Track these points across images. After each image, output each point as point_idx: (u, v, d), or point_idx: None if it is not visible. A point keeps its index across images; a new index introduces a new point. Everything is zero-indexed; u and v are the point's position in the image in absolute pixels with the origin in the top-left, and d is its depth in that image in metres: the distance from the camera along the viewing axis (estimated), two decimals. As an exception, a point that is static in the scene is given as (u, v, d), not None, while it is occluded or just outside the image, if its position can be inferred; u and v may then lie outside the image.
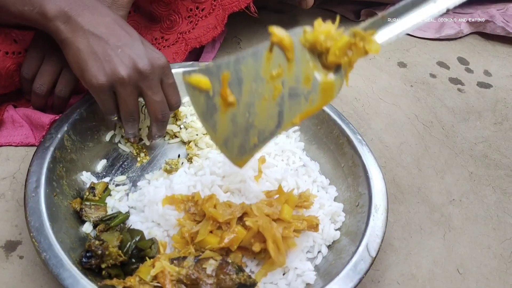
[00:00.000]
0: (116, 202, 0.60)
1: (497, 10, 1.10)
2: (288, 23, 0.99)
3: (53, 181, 0.57)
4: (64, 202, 0.58)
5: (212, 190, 0.60)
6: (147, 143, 0.68)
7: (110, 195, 0.62)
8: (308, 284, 0.55)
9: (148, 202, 0.58)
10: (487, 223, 0.68)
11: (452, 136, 0.80)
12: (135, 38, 0.58)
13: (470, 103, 0.87)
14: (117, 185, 0.64)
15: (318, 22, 0.44)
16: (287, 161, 0.69)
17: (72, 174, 0.61)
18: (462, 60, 0.97)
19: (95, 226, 0.58)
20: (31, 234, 0.51)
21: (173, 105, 0.62)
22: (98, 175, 0.65)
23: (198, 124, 0.71)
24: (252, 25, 0.95)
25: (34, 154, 0.58)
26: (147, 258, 0.52)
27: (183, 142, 0.70)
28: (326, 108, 0.70)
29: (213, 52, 0.85)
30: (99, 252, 0.50)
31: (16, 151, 0.66)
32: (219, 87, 0.48)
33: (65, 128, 0.62)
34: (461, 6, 1.09)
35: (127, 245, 0.53)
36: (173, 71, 0.69)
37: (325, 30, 0.44)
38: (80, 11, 0.56)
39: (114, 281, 0.49)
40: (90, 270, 0.51)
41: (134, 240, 0.54)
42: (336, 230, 0.61)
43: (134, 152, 0.67)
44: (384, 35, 0.45)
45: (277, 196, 0.58)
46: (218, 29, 0.79)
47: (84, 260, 0.51)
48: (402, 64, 0.93)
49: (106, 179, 0.64)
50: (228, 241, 0.52)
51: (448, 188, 0.72)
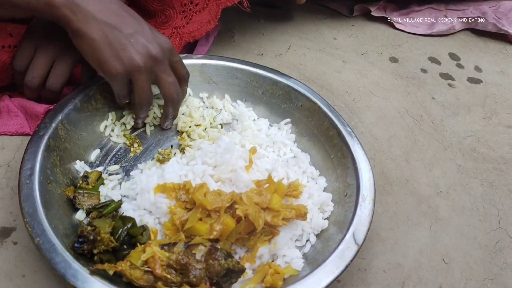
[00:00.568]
0: (109, 191, 0.62)
1: (490, 7, 1.12)
2: (282, 18, 1.01)
3: (47, 169, 0.58)
4: (58, 190, 0.59)
5: (203, 179, 0.61)
6: (148, 132, 0.71)
7: (103, 184, 0.63)
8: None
9: (140, 190, 0.59)
10: (473, 215, 0.69)
11: (441, 130, 0.81)
12: (143, 24, 0.61)
13: (460, 98, 0.88)
14: (110, 174, 0.65)
15: None
16: (278, 153, 0.71)
17: (66, 163, 0.62)
18: (454, 56, 0.98)
19: (88, 214, 0.59)
20: (25, 220, 0.52)
21: (184, 76, 0.67)
22: (92, 164, 0.66)
23: (193, 115, 0.73)
24: (246, 19, 0.96)
25: (29, 143, 0.59)
26: (138, 244, 0.53)
27: (177, 133, 0.72)
28: (317, 101, 0.72)
29: (207, 46, 0.86)
30: (91, 238, 0.52)
31: (11, 140, 0.67)
32: None
33: (59, 118, 0.63)
34: (454, 3, 1.11)
35: (119, 232, 0.54)
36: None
37: None
38: (89, 1, 0.57)
39: (106, 266, 0.50)
40: (83, 255, 0.53)
41: (126, 227, 0.55)
42: (325, 219, 0.62)
43: (127, 143, 0.69)
44: None
45: (267, 186, 0.59)
46: (212, 24, 0.80)
47: (77, 245, 0.52)
48: (394, 59, 0.95)
49: (100, 168, 0.65)
50: (217, 233, 0.53)
51: (436, 181, 0.73)
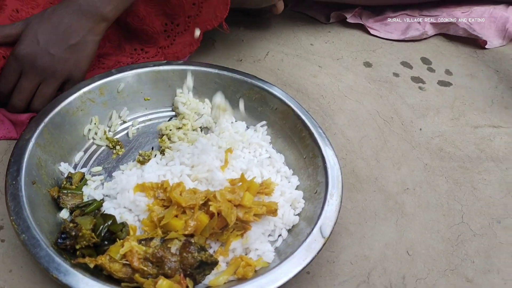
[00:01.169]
0: (92, 191, 0.65)
1: (462, 13, 1.16)
2: (262, 26, 1.05)
3: (33, 171, 0.62)
4: (43, 190, 0.63)
5: (181, 179, 0.65)
6: None
7: (87, 184, 0.66)
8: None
9: (121, 190, 0.62)
10: (438, 210, 0.74)
11: (410, 131, 0.85)
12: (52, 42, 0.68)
13: (430, 100, 0.92)
14: (93, 175, 0.69)
15: None
16: (254, 153, 0.74)
17: (51, 165, 0.66)
18: (425, 60, 1.03)
19: (72, 212, 0.63)
20: (11, 218, 0.56)
21: (34, 106, 0.71)
22: (76, 166, 0.69)
23: (172, 121, 0.77)
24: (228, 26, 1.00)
25: (15, 146, 0.63)
26: (118, 240, 0.57)
27: (157, 135, 0.76)
28: (291, 104, 0.76)
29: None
30: (73, 234, 0.55)
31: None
32: None
33: (44, 122, 0.66)
34: (428, 9, 1.16)
35: (100, 228, 0.58)
36: (146, 70, 0.75)
37: None
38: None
39: (87, 259, 0.53)
40: (65, 251, 0.56)
41: (106, 224, 0.58)
42: (296, 215, 0.66)
43: (110, 146, 0.72)
44: None
45: (240, 184, 0.63)
46: (194, 46, 0.84)
47: (60, 241, 0.56)
48: (368, 64, 0.99)
49: (83, 170, 0.69)
50: (192, 229, 0.57)
51: (403, 178, 0.77)
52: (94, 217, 0.59)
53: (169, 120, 0.78)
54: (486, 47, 1.09)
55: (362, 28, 1.08)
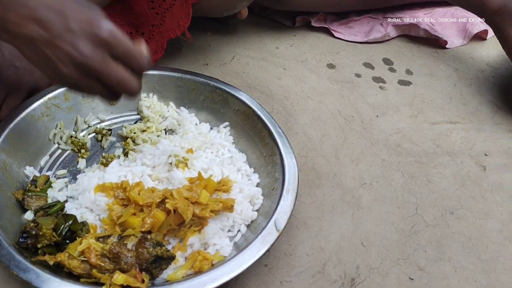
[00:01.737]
0: (56, 193, 0.68)
1: (425, 14, 1.21)
2: (228, 31, 1.08)
3: (-3, 175, 0.64)
4: (8, 193, 0.65)
5: (142, 179, 0.67)
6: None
7: (51, 187, 0.69)
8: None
9: (82, 191, 0.65)
10: (393, 203, 0.77)
11: (370, 129, 0.89)
12: (66, 14, 0.50)
13: (389, 99, 0.96)
14: (58, 178, 0.71)
15: None
16: (217, 153, 0.77)
17: (16, 168, 0.68)
18: (387, 61, 1.06)
19: (36, 214, 0.65)
20: (-26, 219, 0.58)
21: (139, 70, 0.56)
22: (41, 169, 0.72)
23: (137, 124, 0.79)
24: (194, 32, 1.03)
25: (-20, 151, 0.65)
26: (77, 238, 0.59)
27: (122, 138, 0.78)
28: (252, 105, 0.79)
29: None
30: (34, 233, 0.58)
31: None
32: None
33: (9, 128, 0.69)
34: (391, 11, 1.20)
35: (61, 228, 0.60)
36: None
37: None
38: (7, 14, 0.49)
39: (46, 257, 0.56)
40: (27, 250, 0.58)
41: (67, 223, 0.61)
42: (255, 211, 0.69)
43: (75, 149, 0.75)
44: None
45: (198, 182, 0.66)
46: (159, 54, 0.87)
47: (21, 240, 0.58)
48: (331, 66, 1.03)
49: (48, 173, 0.71)
50: (149, 225, 0.59)
51: (361, 174, 0.80)
52: (56, 217, 0.61)
53: (135, 123, 0.80)
54: (447, 47, 1.13)
55: (327, 31, 1.12)
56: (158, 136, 0.78)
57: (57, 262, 0.56)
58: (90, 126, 0.78)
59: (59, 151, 0.75)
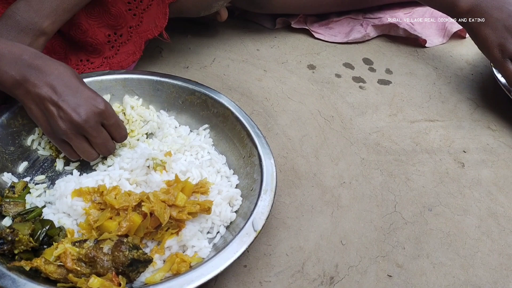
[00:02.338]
0: (34, 198, 0.67)
1: (404, 14, 1.22)
2: (209, 34, 1.08)
3: (-27, 181, 0.64)
4: (-16, 200, 0.65)
5: (120, 183, 0.67)
6: None
7: (30, 193, 0.69)
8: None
9: (59, 196, 0.65)
10: (372, 201, 0.77)
11: (349, 128, 0.90)
12: (74, 91, 0.65)
13: (369, 99, 0.97)
14: (37, 184, 0.71)
15: None
16: (196, 156, 0.77)
17: (-7, 175, 0.68)
18: (367, 61, 1.07)
19: (14, 220, 0.65)
20: (-51, 227, 0.58)
21: (119, 140, 0.72)
22: (19, 176, 0.72)
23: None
24: (175, 35, 1.03)
25: (-45, 158, 0.65)
26: (54, 243, 0.59)
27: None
28: (230, 107, 0.79)
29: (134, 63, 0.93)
30: (9, 239, 0.57)
31: None
32: None
33: (-14, 134, 0.69)
34: (371, 12, 1.21)
35: (38, 233, 0.60)
36: (89, 80, 0.77)
37: None
38: (28, 77, 0.64)
39: (22, 262, 0.56)
40: (3, 256, 0.58)
41: (45, 229, 0.61)
42: (233, 212, 0.69)
43: (54, 155, 0.75)
44: None
45: (175, 185, 0.66)
46: (137, 55, 0.87)
47: (-3, 247, 0.58)
48: (312, 67, 1.03)
49: (27, 179, 0.71)
50: (125, 229, 0.60)
51: (341, 173, 0.81)
52: (33, 223, 0.61)
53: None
54: (427, 46, 1.15)
55: (308, 33, 1.13)
56: (138, 140, 0.78)
57: (34, 268, 0.56)
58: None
59: (36, 156, 0.74)
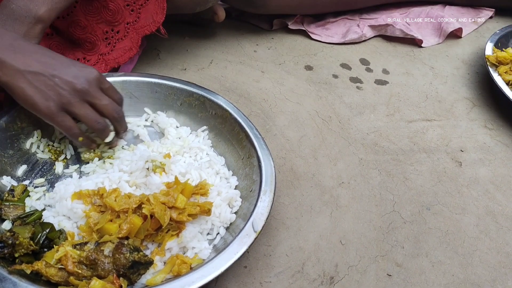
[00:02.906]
0: (33, 201, 0.67)
1: (400, 14, 1.23)
2: (206, 36, 1.09)
3: (-28, 185, 0.64)
4: (-16, 204, 0.65)
5: (119, 185, 0.67)
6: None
7: (29, 196, 0.69)
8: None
9: (59, 198, 0.65)
10: (371, 201, 0.78)
11: (347, 128, 0.90)
12: (65, 63, 0.67)
13: (366, 99, 0.97)
14: (36, 187, 0.71)
15: None
16: (195, 157, 0.78)
17: (-8, 179, 0.68)
18: (364, 61, 1.08)
19: (14, 223, 0.65)
20: (-51, 231, 0.58)
21: (117, 101, 0.72)
22: (19, 179, 0.71)
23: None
24: (172, 37, 1.03)
25: (-46, 162, 0.65)
26: (55, 246, 0.59)
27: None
28: (228, 108, 0.80)
29: (132, 64, 0.94)
30: (10, 242, 0.57)
31: None
32: None
33: (-15, 138, 0.69)
34: (368, 12, 1.21)
35: (38, 236, 0.60)
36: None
37: None
38: (12, 56, 0.63)
39: (23, 266, 0.56)
40: (4, 259, 0.58)
41: (45, 232, 0.61)
42: (233, 214, 0.70)
43: (53, 158, 0.75)
44: None
45: (175, 187, 0.66)
46: (134, 51, 0.87)
47: (-3, 250, 0.58)
48: (309, 67, 1.04)
49: (26, 182, 0.71)
50: (126, 231, 0.60)
51: (339, 173, 0.81)
52: (33, 226, 0.61)
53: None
54: (423, 46, 1.15)
55: (305, 34, 1.13)
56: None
57: (35, 271, 0.56)
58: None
59: (35, 159, 0.74)
